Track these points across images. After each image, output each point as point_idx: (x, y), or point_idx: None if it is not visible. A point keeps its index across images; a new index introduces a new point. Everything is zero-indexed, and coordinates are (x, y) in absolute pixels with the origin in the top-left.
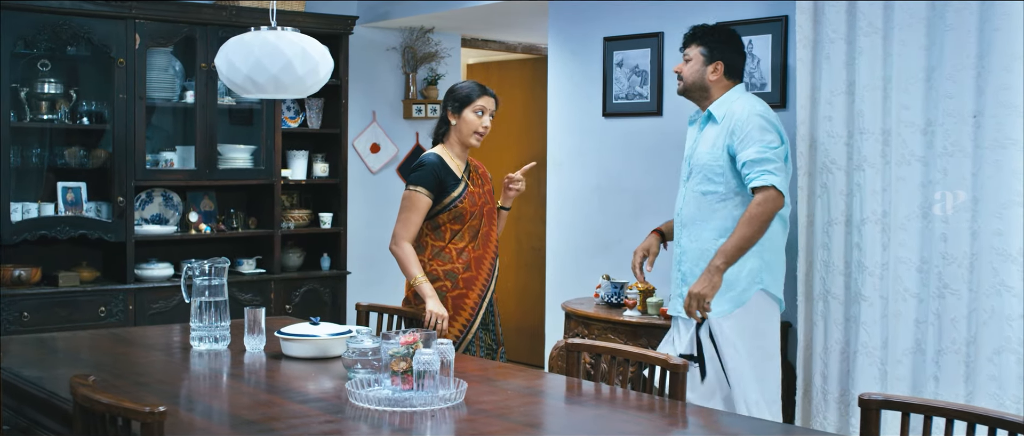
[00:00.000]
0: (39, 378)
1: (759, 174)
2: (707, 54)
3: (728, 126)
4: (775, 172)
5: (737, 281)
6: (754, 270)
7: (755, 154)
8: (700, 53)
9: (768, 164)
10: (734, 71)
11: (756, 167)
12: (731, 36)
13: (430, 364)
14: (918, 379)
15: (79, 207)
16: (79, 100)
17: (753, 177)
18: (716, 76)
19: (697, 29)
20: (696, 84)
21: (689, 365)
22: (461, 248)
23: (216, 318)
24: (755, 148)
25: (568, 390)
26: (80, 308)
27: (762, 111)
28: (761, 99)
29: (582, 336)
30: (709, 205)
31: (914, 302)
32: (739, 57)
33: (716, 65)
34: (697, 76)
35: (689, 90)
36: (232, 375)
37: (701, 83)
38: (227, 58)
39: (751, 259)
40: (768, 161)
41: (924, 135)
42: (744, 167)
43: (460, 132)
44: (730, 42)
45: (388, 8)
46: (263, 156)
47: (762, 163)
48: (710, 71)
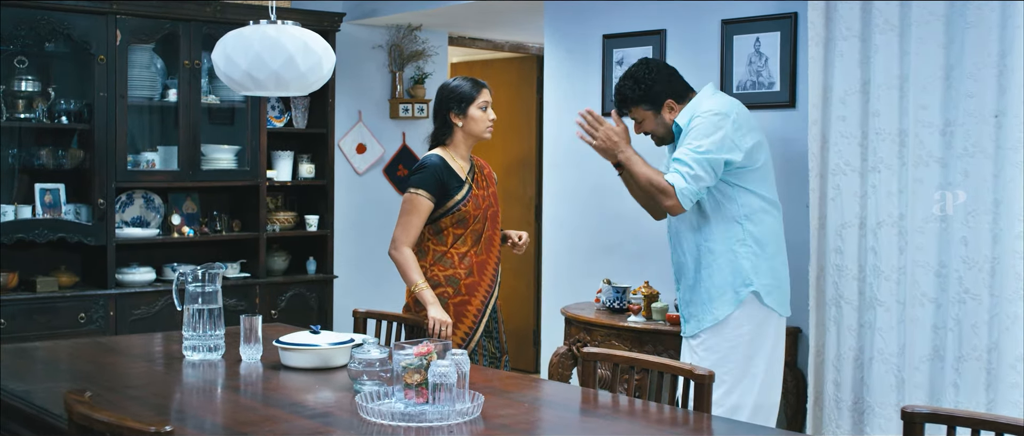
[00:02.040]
0: (27, 392)
1: (674, 172)
2: (652, 106)
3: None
4: (684, 176)
5: (727, 284)
6: (743, 272)
7: (679, 154)
8: (645, 109)
9: (681, 166)
10: (682, 93)
11: (673, 165)
12: (653, 69)
13: (446, 376)
14: (936, 387)
15: (58, 209)
16: (57, 98)
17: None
18: (675, 113)
19: (623, 92)
20: (666, 133)
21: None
22: (463, 253)
23: (210, 326)
24: (682, 149)
25: (587, 402)
26: (59, 315)
27: (719, 109)
28: (730, 98)
29: (584, 342)
30: (691, 211)
31: (932, 307)
32: (676, 80)
33: (668, 104)
34: (661, 128)
35: (664, 140)
36: (230, 387)
37: (668, 128)
38: (225, 53)
39: (738, 259)
40: (683, 163)
41: (943, 136)
42: (671, 162)
43: (470, 130)
44: (659, 76)
45: (375, 5)
46: (248, 157)
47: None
48: (666, 113)
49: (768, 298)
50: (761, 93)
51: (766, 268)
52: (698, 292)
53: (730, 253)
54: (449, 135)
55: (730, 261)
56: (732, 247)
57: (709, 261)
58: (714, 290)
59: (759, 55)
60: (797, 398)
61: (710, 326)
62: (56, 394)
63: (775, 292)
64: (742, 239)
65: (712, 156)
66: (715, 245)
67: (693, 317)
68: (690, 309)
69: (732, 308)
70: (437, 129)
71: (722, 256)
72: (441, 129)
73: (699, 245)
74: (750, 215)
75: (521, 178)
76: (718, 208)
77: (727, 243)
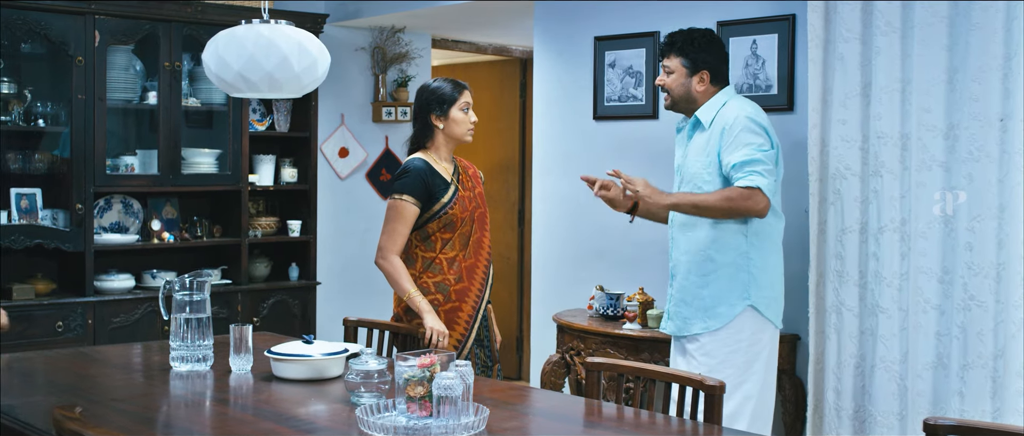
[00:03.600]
0: (10, 407)
1: (747, 174)
2: (690, 65)
3: (718, 130)
4: (764, 174)
5: (725, 296)
6: (743, 284)
7: (743, 156)
8: (682, 64)
9: (757, 165)
10: (719, 77)
11: (745, 168)
12: (712, 41)
13: (452, 389)
14: (940, 395)
15: (34, 215)
16: (34, 101)
17: (741, 177)
18: (703, 87)
19: (675, 38)
20: (683, 97)
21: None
22: (452, 258)
23: (198, 336)
24: (743, 151)
25: (591, 414)
26: (36, 323)
27: (752, 113)
28: (752, 101)
29: (578, 350)
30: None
31: (935, 314)
32: (723, 62)
33: (701, 75)
34: (683, 89)
35: (677, 104)
36: (220, 399)
37: (688, 95)
38: (217, 54)
39: (740, 272)
40: (758, 162)
41: (946, 139)
42: (733, 169)
43: (451, 133)
44: (712, 48)
45: (359, 5)
46: (229, 161)
47: (751, 164)
48: (696, 82)
49: (767, 311)
50: (758, 96)
51: (767, 281)
52: (697, 297)
53: (733, 265)
54: (430, 138)
55: (732, 273)
56: (735, 259)
57: (711, 269)
58: (711, 298)
59: (756, 58)
60: (796, 406)
61: (702, 332)
62: (41, 409)
63: (773, 305)
64: (746, 252)
65: (774, 154)
66: (719, 254)
67: (682, 318)
68: (681, 310)
69: (729, 319)
70: (417, 132)
71: (726, 267)
72: (421, 131)
73: (702, 251)
74: (759, 228)
75: (505, 182)
76: (727, 220)
77: (731, 254)
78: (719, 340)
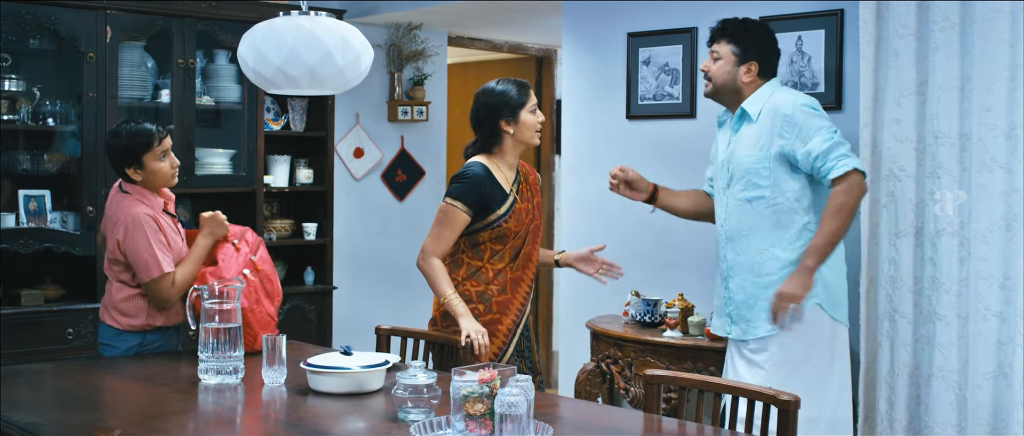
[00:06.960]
0: (35, 425)
1: (836, 160)
2: (739, 53)
3: (771, 123)
4: (849, 154)
5: None
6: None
7: (823, 143)
8: (731, 51)
9: (841, 148)
10: (767, 70)
11: (831, 155)
12: (765, 32)
13: (516, 406)
14: (1002, 405)
15: (43, 218)
16: (43, 99)
17: (832, 166)
18: (750, 78)
19: (727, 24)
20: (727, 86)
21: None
22: (499, 269)
23: (229, 347)
24: (820, 137)
25: (651, 429)
26: (45, 330)
27: (806, 100)
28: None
29: (614, 358)
30: (757, 213)
31: (996, 322)
32: (773, 55)
33: (750, 66)
34: (728, 78)
35: (719, 92)
36: (253, 415)
37: (733, 85)
38: (255, 48)
39: None
40: (840, 144)
41: (1008, 140)
42: (816, 160)
43: (521, 137)
44: (764, 39)
45: (375, 4)
46: (244, 161)
47: (836, 149)
48: (743, 72)
49: (833, 309)
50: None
51: (834, 279)
52: (761, 297)
53: (797, 264)
54: (498, 143)
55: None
56: (800, 257)
57: (774, 268)
58: None
59: (801, 54)
60: None
61: (765, 335)
62: (70, 427)
63: (839, 304)
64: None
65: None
66: (782, 252)
67: (746, 321)
68: (744, 312)
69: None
70: (484, 138)
71: (791, 264)
72: (488, 137)
73: (764, 250)
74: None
75: None
76: (791, 214)
77: (795, 252)
78: (785, 347)
